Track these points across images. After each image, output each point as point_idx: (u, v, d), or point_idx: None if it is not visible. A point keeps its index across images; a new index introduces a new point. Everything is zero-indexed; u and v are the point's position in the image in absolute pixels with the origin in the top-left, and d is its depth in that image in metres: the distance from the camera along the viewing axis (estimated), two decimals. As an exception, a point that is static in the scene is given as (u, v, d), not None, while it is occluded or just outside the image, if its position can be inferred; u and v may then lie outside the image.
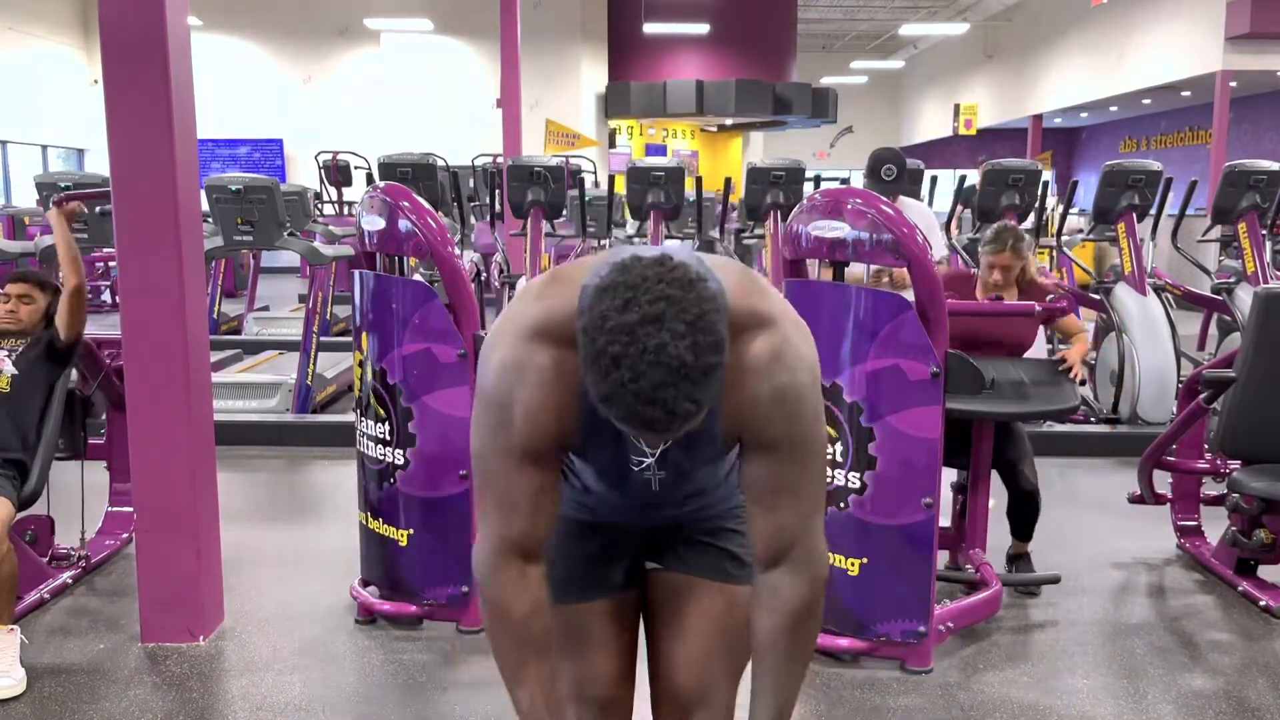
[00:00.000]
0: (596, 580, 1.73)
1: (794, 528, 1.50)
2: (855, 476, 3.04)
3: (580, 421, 1.47)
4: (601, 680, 1.72)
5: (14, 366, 3.47)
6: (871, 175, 4.54)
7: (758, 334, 1.43)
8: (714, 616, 1.70)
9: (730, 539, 1.73)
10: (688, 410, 1.26)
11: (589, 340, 1.27)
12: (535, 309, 1.45)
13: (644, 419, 1.27)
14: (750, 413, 1.45)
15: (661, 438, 1.37)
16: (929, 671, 3.12)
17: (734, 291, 1.41)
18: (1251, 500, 3.60)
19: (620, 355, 1.24)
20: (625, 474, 1.60)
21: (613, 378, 1.25)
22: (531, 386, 1.43)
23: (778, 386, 1.43)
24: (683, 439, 1.46)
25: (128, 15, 3.09)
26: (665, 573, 1.74)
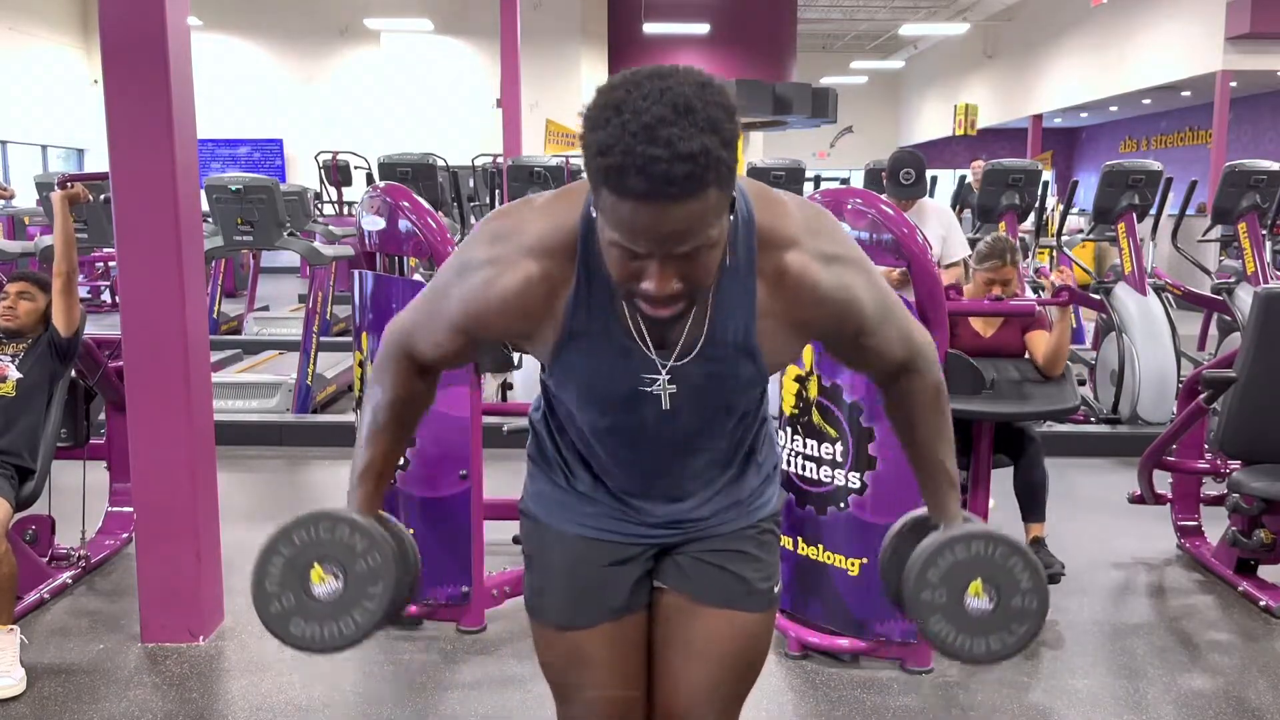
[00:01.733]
0: (601, 603, 1.63)
1: (904, 350, 1.54)
2: (855, 476, 3.04)
3: (561, 326, 1.42)
4: (612, 706, 1.64)
5: (17, 370, 3.47)
6: (890, 179, 4.49)
7: (792, 247, 1.40)
8: (720, 644, 1.61)
9: (744, 564, 1.63)
10: (693, 151, 1.15)
11: (588, 117, 1.21)
12: (538, 225, 1.41)
13: (643, 161, 1.15)
14: (829, 323, 1.45)
15: (665, 207, 1.19)
16: (929, 671, 3.12)
17: (758, 203, 1.42)
18: (1251, 500, 3.60)
19: (622, 100, 1.18)
20: (635, 404, 1.48)
21: (612, 124, 1.17)
22: (506, 289, 1.39)
23: (838, 285, 1.41)
24: (702, 352, 1.42)
25: (128, 15, 3.09)
26: (672, 594, 1.64)
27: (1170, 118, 22.88)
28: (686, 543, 1.63)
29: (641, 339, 1.42)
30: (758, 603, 1.63)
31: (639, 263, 1.25)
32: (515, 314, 1.42)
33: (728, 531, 1.63)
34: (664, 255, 1.23)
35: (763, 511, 1.66)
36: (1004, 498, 3.88)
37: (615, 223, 1.22)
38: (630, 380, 1.46)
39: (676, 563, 1.64)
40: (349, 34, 17.30)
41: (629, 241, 1.23)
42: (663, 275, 1.25)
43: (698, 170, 1.17)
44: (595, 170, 1.21)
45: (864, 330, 1.47)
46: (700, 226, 1.22)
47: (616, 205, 1.20)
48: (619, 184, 1.18)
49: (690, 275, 1.26)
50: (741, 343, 1.43)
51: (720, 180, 1.20)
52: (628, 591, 1.63)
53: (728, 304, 1.41)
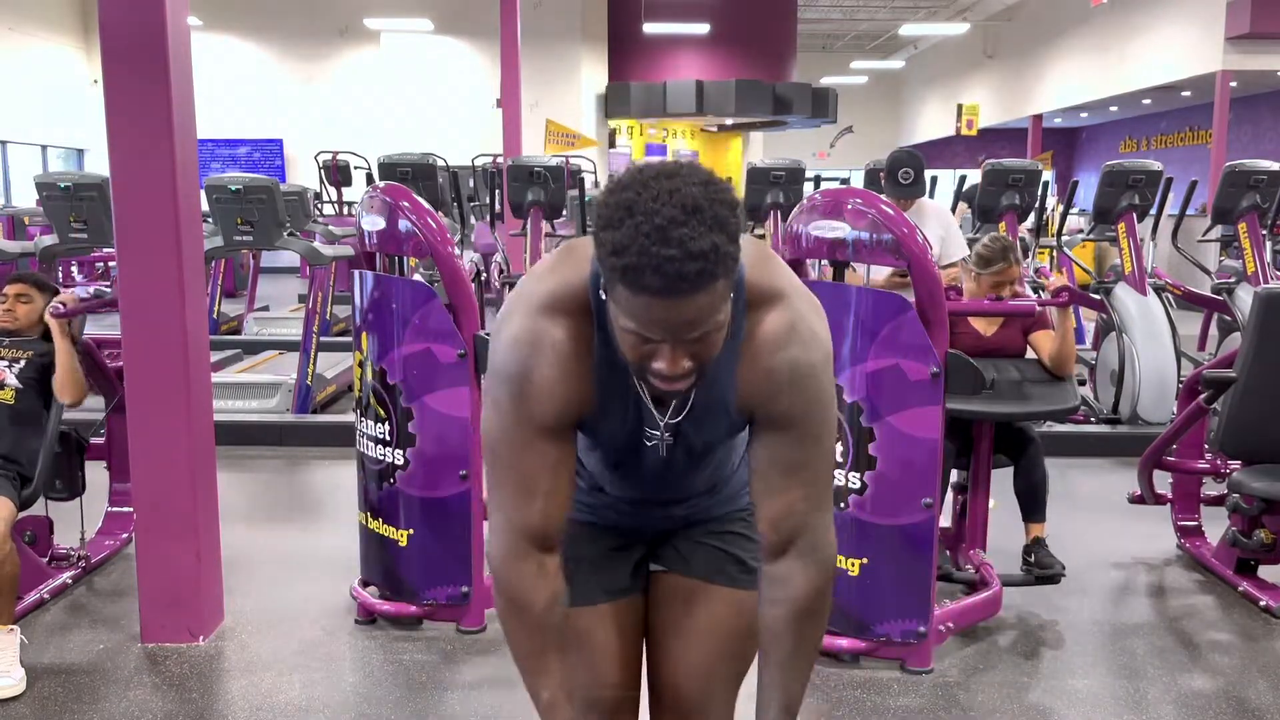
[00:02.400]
0: (600, 583, 1.69)
1: (802, 512, 1.47)
2: (855, 476, 3.04)
3: (594, 392, 1.46)
4: (607, 685, 1.69)
5: (17, 380, 3.47)
6: (889, 179, 4.48)
7: (773, 308, 1.44)
8: (717, 621, 1.67)
9: (737, 543, 1.70)
10: (703, 249, 1.23)
11: (600, 215, 1.27)
12: (547, 283, 1.45)
13: (658, 261, 1.22)
14: (764, 386, 1.44)
15: (678, 301, 1.25)
16: (929, 671, 3.12)
17: (750, 262, 1.43)
18: (1251, 500, 3.60)
19: (634, 202, 1.24)
20: (637, 450, 1.56)
21: (625, 225, 1.24)
22: (547, 358, 1.42)
23: (792, 361, 1.42)
24: (695, 410, 1.48)
25: (128, 15, 3.09)
26: (669, 575, 1.72)
27: (1170, 118, 22.88)
28: (680, 529, 1.72)
29: (648, 395, 1.49)
30: (750, 579, 1.66)
31: (651, 346, 1.32)
32: (569, 367, 1.43)
33: (717, 515, 1.71)
34: (675, 341, 1.31)
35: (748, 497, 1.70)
36: (1004, 498, 3.88)
37: (630, 315, 1.30)
38: (636, 433, 1.55)
39: (674, 546, 1.72)
40: (349, 34, 17.29)
41: (644, 331, 1.30)
42: (674, 357, 1.32)
43: (708, 267, 1.24)
44: (611, 268, 1.27)
45: (782, 422, 1.45)
46: (709, 314, 1.29)
47: (631, 300, 1.27)
48: (635, 282, 1.25)
49: (699, 354, 1.34)
50: (720, 399, 1.49)
51: (727, 271, 1.28)
52: (626, 575, 1.71)
53: (718, 367, 1.44)
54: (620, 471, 1.64)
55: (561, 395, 1.43)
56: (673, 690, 1.70)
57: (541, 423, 1.44)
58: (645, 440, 1.55)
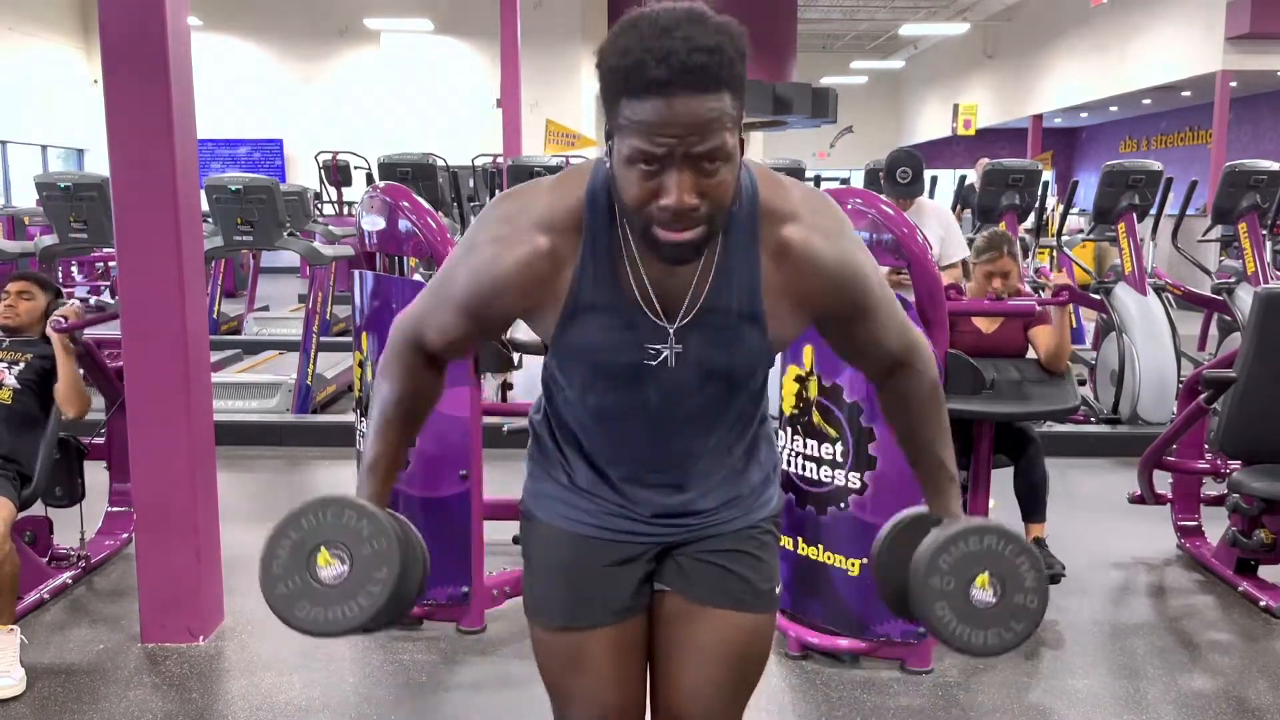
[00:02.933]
0: (601, 605, 1.61)
1: (898, 345, 1.55)
2: (855, 476, 3.04)
3: (565, 308, 1.44)
4: (610, 711, 1.63)
5: (15, 380, 3.47)
6: (888, 178, 4.48)
7: (794, 221, 1.43)
8: (722, 645, 1.60)
9: (745, 563, 1.62)
10: (708, 45, 1.23)
11: (606, 41, 1.29)
12: (543, 201, 1.44)
13: (663, 53, 1.22)
14: (823, 291, 1.45)
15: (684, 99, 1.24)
16: (929, 671, 3.12)
17: (761, 179, 1.45)
18: (1251, 500, 3.60)
19: (638, 17, 1.27)
20: (638, 380, 1.48)
21: (629, 34, 1.27)
22: (516, 257, 1.41)
23: (838, 259, 1.44)
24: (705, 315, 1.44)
25: (128, 15, 3.09)
26: (673, 597, 1.63)
27: (1170, 118, 22.87)
28: (687, 543, 1.62)
29: (648, 304, 1.44)
30: (760, 604, 1.62)
31: (657, 179, 1.28)
32: (521, 288, 1.43)
33: (729, 531, 1.62)
34: (683, 160, 1.26)
35: (763, 511, 1.66)
36: (1004, 497, 3.88)
37: (634, 126, 1.26)
38: (634, 352, 1.46)
39: (678, 564, 1.62)
40: (349, 34, 17.29)
41: (648, 141, 1.26)
42: (682, 185, 1.27)
43: (713, 63, 1.24)
44: (613, 76, 1.27)
45: (864, 307, 1.49)
46: (717, 126, 1.26)
47: (636, 108, 1.25)
48: (639, 78, 1.24)
49: (707, 191, 1.28)
50: (746, 308, 1.44)
51: (733, 87, 1.27)
52: (629, 593, 1.62)
53: (731, 269, 1.43)
54: (621, 420, 1.54)
55: (505, 303, 1.45)
56: (672, 714, 1.64)
57: (475, 307, 1.46)
58: (646, 360, 1.47)
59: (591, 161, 1.45)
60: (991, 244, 3.79)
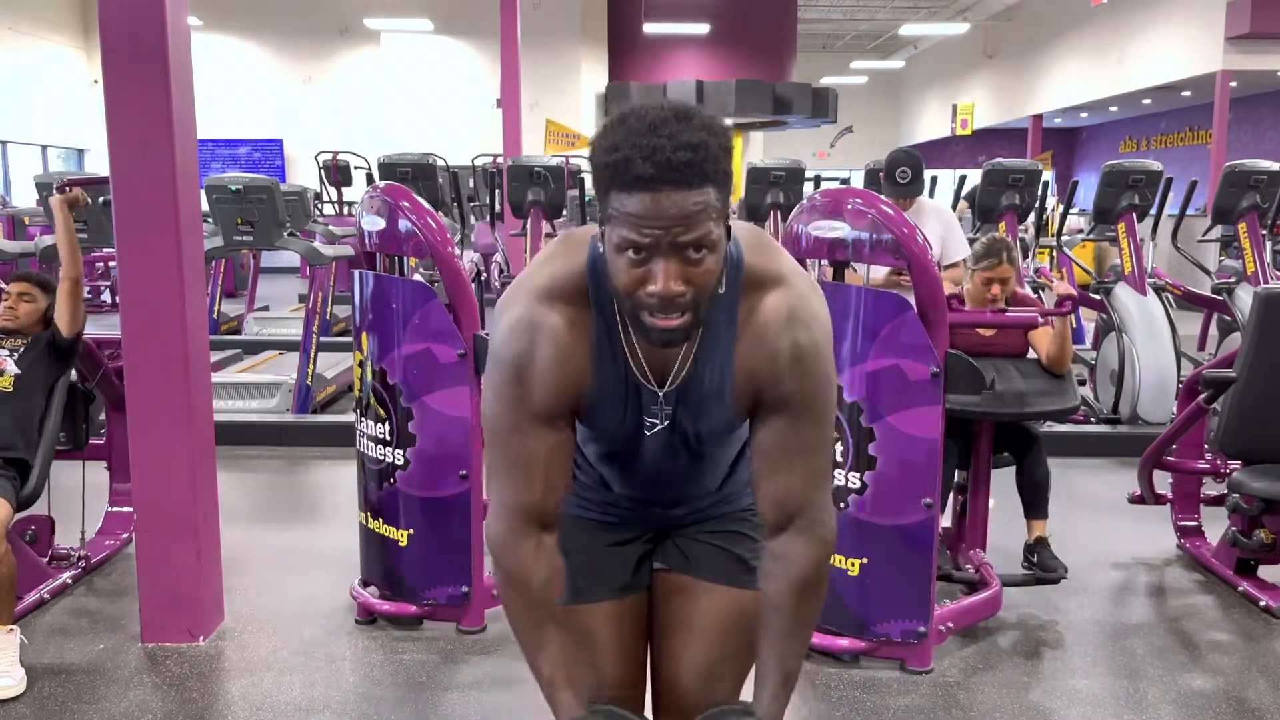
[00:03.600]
0: (604, 582, 1.69)
1: (803, 490, 1.49)
2: (855, 476, 3.04)
3: (590, 376, 1.48)
4: (611, 684, 1.68)
5: (16, 366, 3.47)
6: (887, 179, 4.48)
7: (772, 291, 1.46)
8: (720, 620, 1.67)
9: (740, 543, 1.70)
10: (694, 142, 1.28)
11: (595, 138, 1.34)
12: (546, 270, 1.47)
13: (649, 150, 1.27)
14: (766, 369, 1.45)
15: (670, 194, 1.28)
16: (929, 671, 3.12)
17: (748, 247, 1.46)
18: (1251, 500, 3.60)
19: (626, 114, 1.33)
20: (637, 442, 1.56)
21: (618, 130, 1.31)
22: (545, 344, 1.44)
23: (794, 343, 1.44)
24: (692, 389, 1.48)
25: (128, 15, 3.09)
26: (672, 574, 1.72)
27: (1170, 118, 22.87)
28: (683, 526, 1.72)
29: (641, 371, 1.49)
30: (753, 579, 1.66)
31: (645, 266, 1.33)
32: (566, 352, 1.45)
33: (721, 514, 1.72)
34: (669, 249, 1.31)
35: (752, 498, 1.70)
36: (1004, 497, 3.89)
37: (623, 219, 1.31)
38: (635, 420, 1.54)
39: (675, 543, 1.72)
40: (349, 34, 17.29)
41: (636, 232, 1.31)
42: (668, 273, 1.32)
43: (698, 159, 1.29)
44: (604, 171, 1.31)
45: (795, 408, 1.45)
46: (702, 217, 1.31)
47: (624, 201, 1.31)
48: (626, 175, 1.28)
49: (693, 278, 1.33)
50: (716, 385, 1.49)
51: (718, 182, 1.31)
52: (629, 571, 1.71)
53: (711, 345, 1.47)
54: (621, 465, 1.64)
55: (558, 380, 1.45)
56: (674, 689, 1.69)
57: (539, 406, 1.46)
58: (645, 430, 1.55)
59: (586, 232, 1.49)
60: (990, 251, 3.75)
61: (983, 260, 3.76)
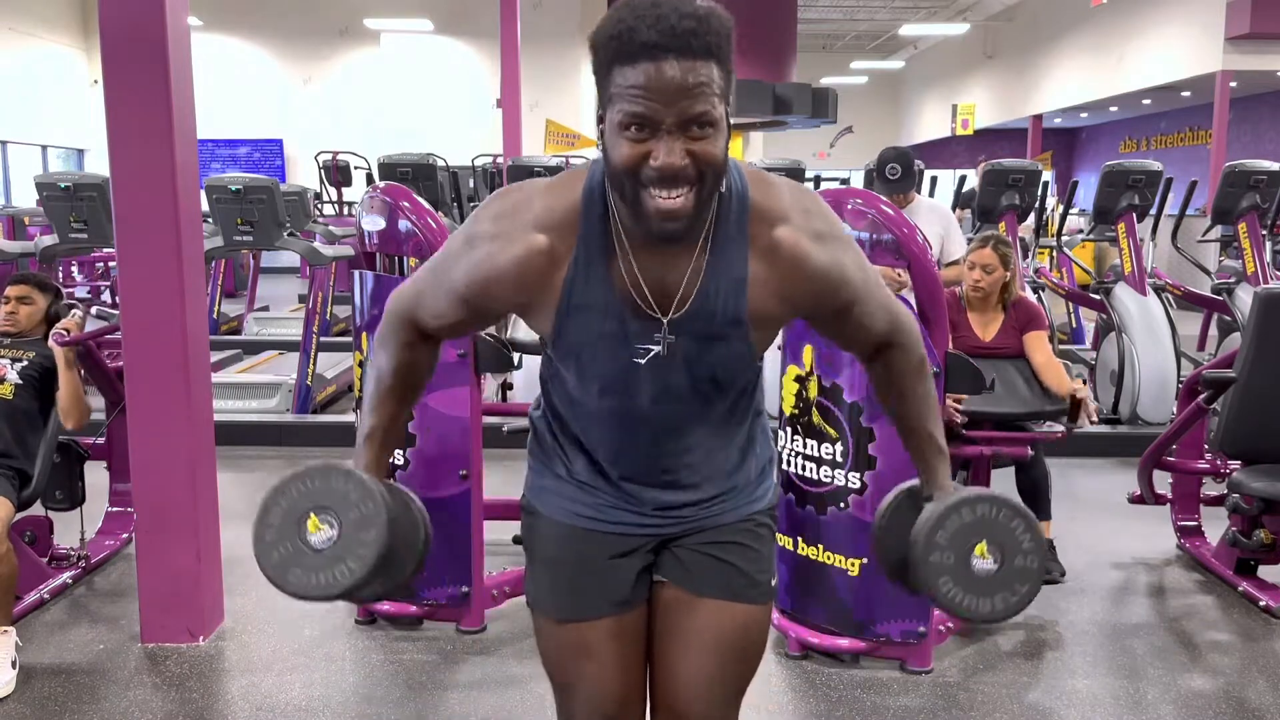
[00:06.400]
0: (602, 597, 1.64)
1: (887, 321, 1.57)
2: (855, 476, 3.04)
3: (561, 308, 1.46)
4: (611, 700, 1.65)
5: (18, 376, 3.47)
6: (878, 177, 4.49)
7: (783, 223, 1.45)
8: (719, 635, 1.63)
9: (741, 555, 1.65)
10: (696, 12, 1.29)
11: (597, 27, 1.35)
12: (542, 201, 1.46)
13: (652, 19, 1.28)
14: (813, 289, 1.47)
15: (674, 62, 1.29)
16: (929, 671, 3.12)
17: (751, 181, 1.47)
18: (1251, 500, 3.60)
19: (627, 1, 1.33)
20: (631, 378, 1.50)
21: (619, 10, 1.32)
22: (513, 255, 1.44)
23: (834, 259, 1.47)
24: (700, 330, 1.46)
25: (128, 15, 3.09)
26: (672, 588, 1.66)
27: (1170, 118, 22.87)
28: (685, 535, 1.65)
29: (641, 298, 1.46)
30: (757, 594, 1.65)
31: (647, 145, 1.31)
32: (517, 285, 1.46)
33: (725, 523, 1.65)
34: (673, 124, 1.30)
35: (759, 504, 1.69)
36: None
37: (626, 92, 1.31)
38: (625, 350, 1.49)
39: (676, 556, 1.66)
40: (349, 34, 17.29)
41: (640, 104, 1.30)
42: (672, 145, 1.31)
43: (701, 29, 1.30)
44: (606, 45, 1.32)
45: (851, 303, 1.52)
46: (706, 91, 1.31)
47: (628, 73, 1.30)
48: (629, 43, 1.29)
49: (696, 154, 1.32)
50: (731, 315, 1.47)
51: (720, 59, 1.32)
52: (629, 585, 1.65)
53: (719, 274, 1.45)
54: (615, 421, 1.57)
55: (501, 296, 1.48)
56: (671, 704, 1.66)
57: (468, 298, 1.49)
58: (636, 359, 1.49)
59: (588, 163, 1.48)
60: (983, 239, 3.83)
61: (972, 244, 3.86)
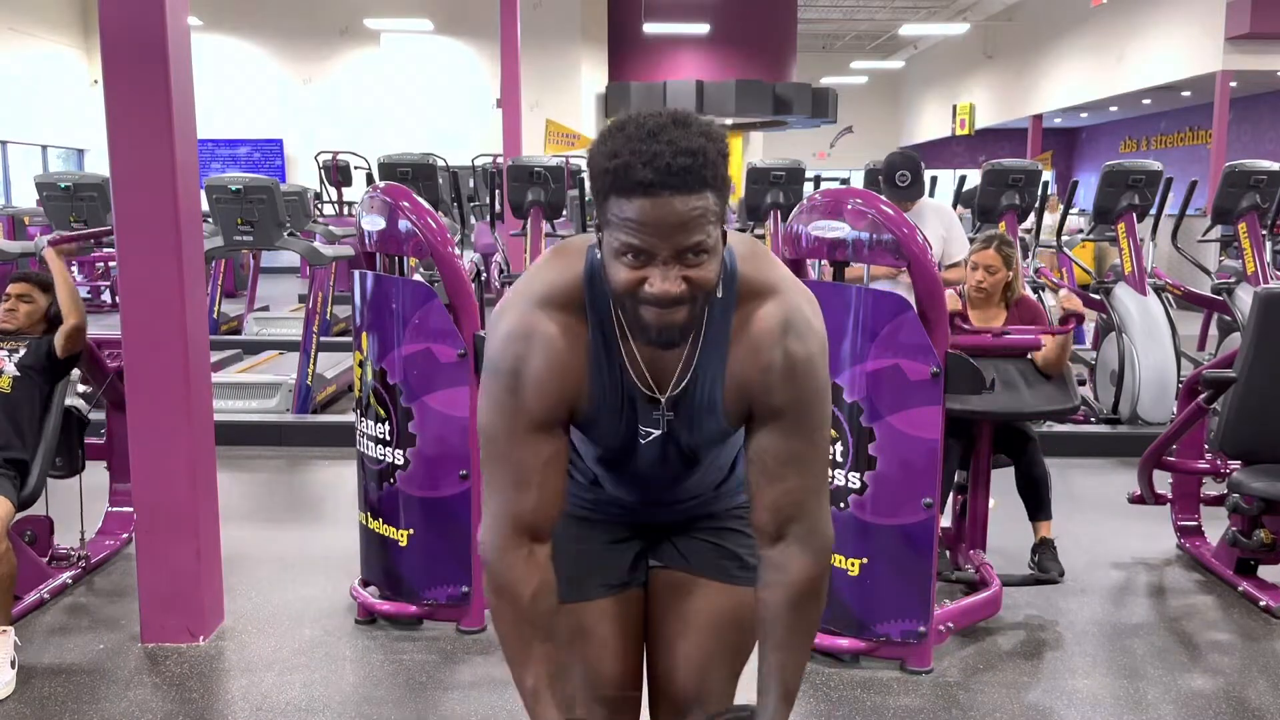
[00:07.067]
0: (600, 579, 1.70)
1: (799, 499, 1.49)
2: (855, 476, 3.04)
3: (588, 387, 1.48)
4: (609, 681, 1.69)
5: (15, 368, 3.47)
6: (886, 182, 4.48)
7: (766, 301, 1.46)
8: (715, 617, 1.68)
9: (735, 539, 1.71)
10: (692, 148, 1.30)
11: (593, 145, 1.36)
12: (542, 278, 1.48)
13: (648, 156, 1.29)
14: (759, 379, 1.46)
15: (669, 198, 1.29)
16: (929, 671, 3.12)
17: (742, 257, 1.47)
18: (1251, 500, 3.60)
19: (625, 121, 1.34)
20: (632, 449, 1.57)
21: (617, 137, 1.33)
22: (540, 353, 1.44)
23: (789, 354, 1.44)
24: (688, 400, 1.49)
25: (128, 15, 3.09)
26: (667, 570, 1.72)
27: (1170, 118, 22.86)
28: (678, 523, 1.73)
29: (642, 380, 1.49)
30: (749, 577, 1.66)
31: (643, 270, 1.34)
32: (562, 361, 1.45)
33: (715, 511, 1.72)
34: (668, 255, 1.33)
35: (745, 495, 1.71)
36: (1004, 497, 3.89)
37: (623, 224, 1.32)
38: (630, 429, 1.55)
39: (671, 541, 1.73)
40: (349, 34, 17.29)
41: (636, 237, 1.32)
42: (666, 273, 1.34)
43: (697, 165, 1.31)
44: (603, 178, 1.32)
45: (792, 419, 1.45)
46: (700, 222, 1.32)
47: (624, 206, 1.32)
48: (626, 180, 1.30)
49: (691, 279, 1.34)
50: (707, 400, 1.50)
51: (716, 186, 1.33)
52: (626, 567, 1.72)
53: (705, 358, 1.48)
54: (616, 472, 1.65)
55: (554, 389, 1.46)
56: (669, 685, 1.70)
57: (534, 416, 1.46)
58: (640, 438, 1.56)
59: (583, 243, 1.49)
60: (986, 240, 3.82)
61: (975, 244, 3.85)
